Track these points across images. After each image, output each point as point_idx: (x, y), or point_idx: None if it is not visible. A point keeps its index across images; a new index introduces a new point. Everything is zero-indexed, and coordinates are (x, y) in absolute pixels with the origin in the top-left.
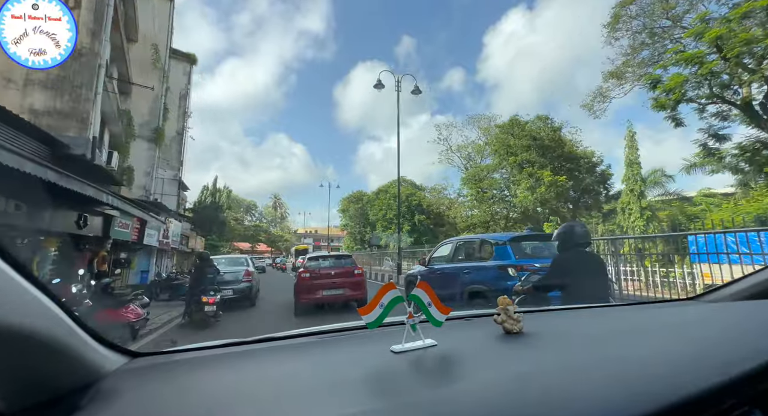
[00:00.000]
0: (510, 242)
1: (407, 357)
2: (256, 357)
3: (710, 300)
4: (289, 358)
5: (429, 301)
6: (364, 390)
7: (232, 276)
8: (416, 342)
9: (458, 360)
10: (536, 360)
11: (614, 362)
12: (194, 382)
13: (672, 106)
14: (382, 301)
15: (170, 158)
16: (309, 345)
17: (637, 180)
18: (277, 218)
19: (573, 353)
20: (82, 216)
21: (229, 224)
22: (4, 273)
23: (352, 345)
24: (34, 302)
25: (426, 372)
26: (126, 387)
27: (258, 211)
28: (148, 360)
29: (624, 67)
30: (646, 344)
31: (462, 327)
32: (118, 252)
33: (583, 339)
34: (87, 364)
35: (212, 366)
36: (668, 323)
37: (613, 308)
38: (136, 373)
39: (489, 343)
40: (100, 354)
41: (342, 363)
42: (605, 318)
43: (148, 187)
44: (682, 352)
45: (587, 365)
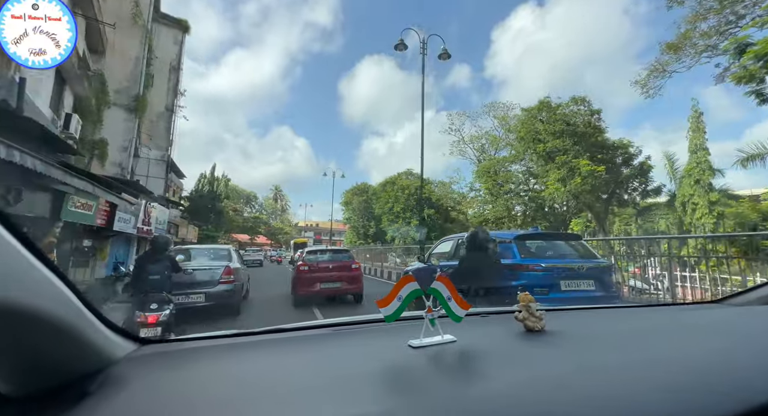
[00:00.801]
0: (515, 240)
1: (426, 352)
2: (267, 348)
3: (737, 304)
4: (303, 350)
5: (449, 296)
6: (383, 385)
7: (207, 274)
8: (435, 338)
9: (479, 357)
10: (560, 360)
11: (639, 364)
12: (203, 372)
13: (762, 76)
14: (400, 294)
15: (157, 136)
16: (323, 337)
17: (704, 169)
18: (277, 210)
19: (597, 353)
20: (12, 190)
21: (228, 215)
22: (21, 254)
23: (368, 338)
24: (49, 285)
25: (446, 368)
26: (135, 374)
27: (258, 203)
28: (157, 347)
29: (684, 39)
30: (670, 347)
31: (481, 324)
32: (79, 238)
33: (607, 339)
34: (97, 350)
35: (222, 356)
36: (694, 326)
37: (637, 309)
38: (145, 360)
39: (510, 341)
40: (110, 340)
41: (358, 356)
42: (629, 318)
43: (125, 164)
44: (706, 356)
45: (611, 366)
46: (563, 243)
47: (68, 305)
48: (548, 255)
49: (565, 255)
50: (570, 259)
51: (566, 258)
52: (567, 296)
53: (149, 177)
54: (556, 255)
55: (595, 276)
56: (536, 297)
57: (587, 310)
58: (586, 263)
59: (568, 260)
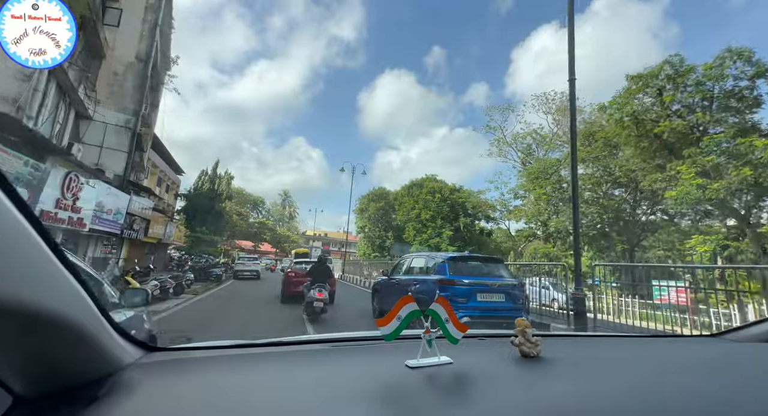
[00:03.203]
0: (448, 260)
1: (422, 373)
2: (269, 361)
3: (735, 340)
4: (302, 365)
5: (446, 317)
6: (379, 405)
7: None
8: (432, 359)
9: (474, 380)
10: (554, 388)
11: (631, 394)
12: (208, 381)
13: None
14: (400, 314)
15: (122, 95)
16: (323, 352)
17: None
18: (285, 217)
19: (591, 382)
20: None
21: (231, 219)
22: (50, 260)
23: (367, 355)
24: (72, 290)
25: (441, 390)
26: (143, 380)
27: (265, 208)
28: (164, 355)
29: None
30: (663, 379)
31: (478, 347)
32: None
33: (602, 368)
34: (108, 355)
35: (226, 366)
36: (688, 359)
37: (634, 339)
38: (152, 367)
39: (506, 366)
40: (120, 346)
41: (357, 374)
42: (625, 348)
43: (26, 104)
44: (704, 390)
45: (605, 396)
46: (486, 264)
47: (88, 311)
48: (472, 273)
49: (485, 274)
50: (488, 277)
51: (485, 277)
52: (480, 305)
53: (104, 147)
54: (477, 274)
55: (506, 291)
56: (457, 305)
57: (584, 338)
58: (498, 281)
59: (486, 278)
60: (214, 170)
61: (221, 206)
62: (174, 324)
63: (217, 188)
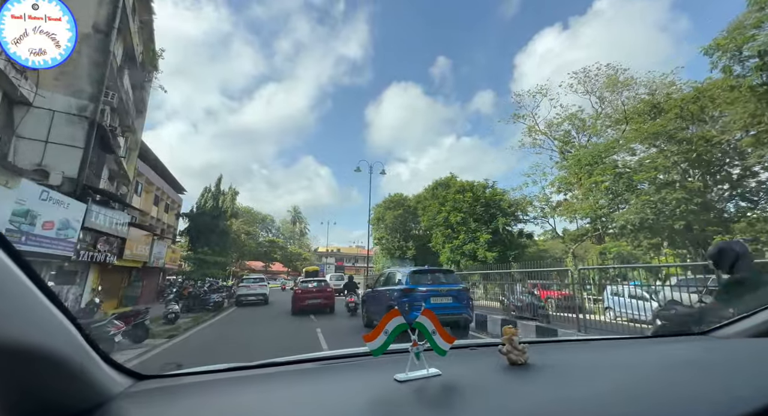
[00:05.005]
0: (409, 274)
1: (411, 386)
2: (260, 382)
3: (720, 336)
4: (294, 384)
5: (433, 329)
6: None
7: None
8: (420, 371)
9: (463, 391)
10: (542, 394)
11: (621, 398)
12: (199, 406)
13: None
14: (387, 328)
15: (77, 77)
16: (313, 371)
17: None
18: (295, 234)
19: (579, 387)
20: None
21: (240, 238)
22: (31, 292)
23: (356, 372)
24: (56, 323)
25: (431, 402)
26: (132, 410)
27: (275, 227)
28: (154, 382)
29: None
30: (652, 380)
31: (466, 357)
32: None
33: (590, 372)
34: (96, 385)
35: (216, 391)
36: (676, 358)
37: (621, 341)
38: (142, 396)
39: (494, 375)
40: (108, 375)
41: (347, 391)
42: (613, 351)
43: None
44: (689, 389)
45: (594, 400)
46: (438, 274)
47: (73, 342)
48: (427, 282)
49: (438, 282)
50: (439, 285)
51: (438, 284)
52: (434, 306)
53: (48, 142)
54: (432, 282)
55: (453, 294)
56: (415, 306)
57: (572, 342)
58: (447, 287)
59: (438, 285)
60: (217, 186)
61: (226, 224)
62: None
63: (221, 205)
